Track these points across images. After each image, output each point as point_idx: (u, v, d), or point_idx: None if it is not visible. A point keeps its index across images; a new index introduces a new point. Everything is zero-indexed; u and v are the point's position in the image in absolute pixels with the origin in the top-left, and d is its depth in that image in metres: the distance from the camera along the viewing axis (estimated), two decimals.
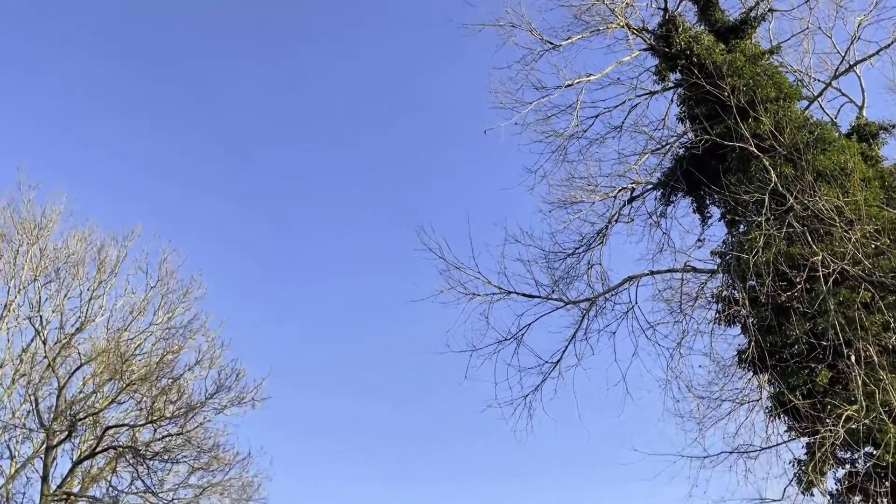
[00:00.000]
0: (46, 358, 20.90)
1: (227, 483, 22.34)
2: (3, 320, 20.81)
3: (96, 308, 21.53)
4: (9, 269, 20.51)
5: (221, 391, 21.74)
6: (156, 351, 22.24)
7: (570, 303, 13.25)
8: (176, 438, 21.31)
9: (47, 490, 20.47)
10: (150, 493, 20.78)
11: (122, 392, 21.25)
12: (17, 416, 21.43)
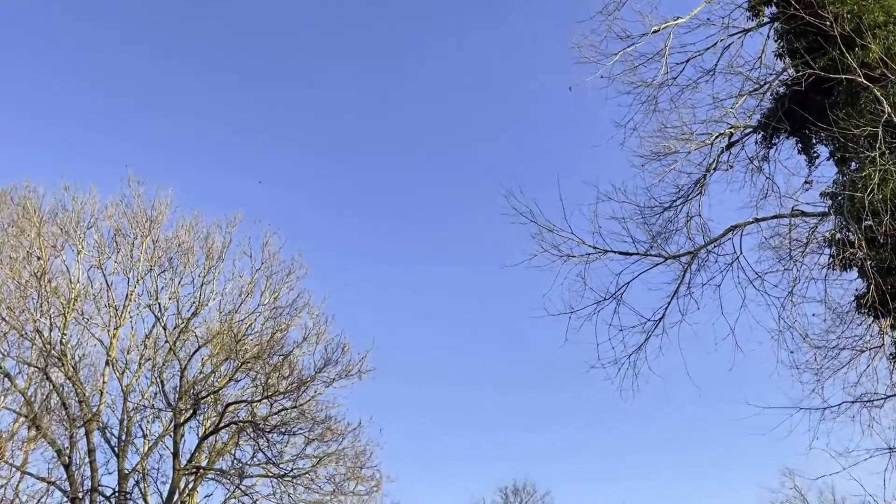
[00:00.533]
0: (167, 342, 22.25)
1: (342, 452, 23.26)
2: (126, 309, 22.28)
3: (208, 293, 22.65)
4: (127, 262, 21.89)
5: (329, 365, 22.53)
6: (266, 330, 23.26)
7: (670, 258, 12.84)
8: (291, 412, 22.28)
9: (178, 465, 21.95)
10: (272, 464, 21.92)
11: (238, 370, 22.38)
12: (146, 397, 23.01)
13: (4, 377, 19.87)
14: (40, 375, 20.44)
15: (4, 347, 19.99)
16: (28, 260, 20.26)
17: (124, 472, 21.39)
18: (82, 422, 20.49)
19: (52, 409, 20.49)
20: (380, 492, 23.86)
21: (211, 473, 22.89)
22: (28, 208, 20.59)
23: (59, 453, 20.52)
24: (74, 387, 20.53)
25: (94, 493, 20.75)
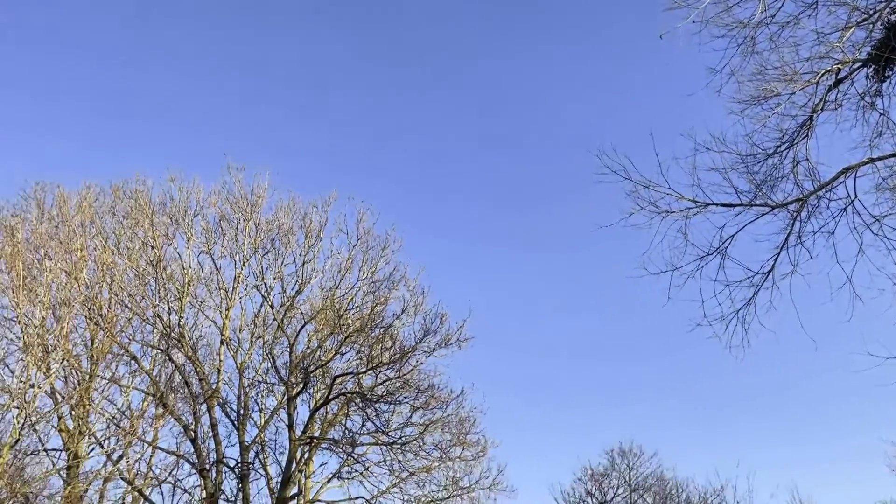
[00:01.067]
0: (275, 320, 23.24)
1: (446, 419, 23.74)
2: (235, 291, 23.38)
3: (309, 271, 23.40)
4: (232, 246, 22.91)
5: (428, 335, 22.91)
6: (366, 304, 23.86)
7: (777, 206, 12.19)
8: (395, 382, 22.83)
9: (294, 436, 23.01)
10: (381, 432, 22.63)
11: (342, 344, 23.13)
12: (260, 373, 24.18)
13: (132, 360, 21.33)
14: (163, 357, 21.81)
15: (129, 332, 21.46)
16: (143, 249, 21.55)
17: (245, 444, 22.66)
18: (204, 398, 21.79)
19: (176, 387, 21.86)
20: (485, 456, 24.29)
21: (324, 443, 23.90)
22: (140, 201, 21.85)
23: (185, 428, 21.94)
24: (194, 366, 21.81)
25: (219, 464, 22.11)
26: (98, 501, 21.21)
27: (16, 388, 17.26)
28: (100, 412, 20.14)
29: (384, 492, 23.98)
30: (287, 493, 22.36)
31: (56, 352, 18.26)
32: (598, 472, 27.03)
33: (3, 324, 18.35)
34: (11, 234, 17.64)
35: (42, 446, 20.39)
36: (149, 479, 21.65)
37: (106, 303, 20.27)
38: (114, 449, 20.67)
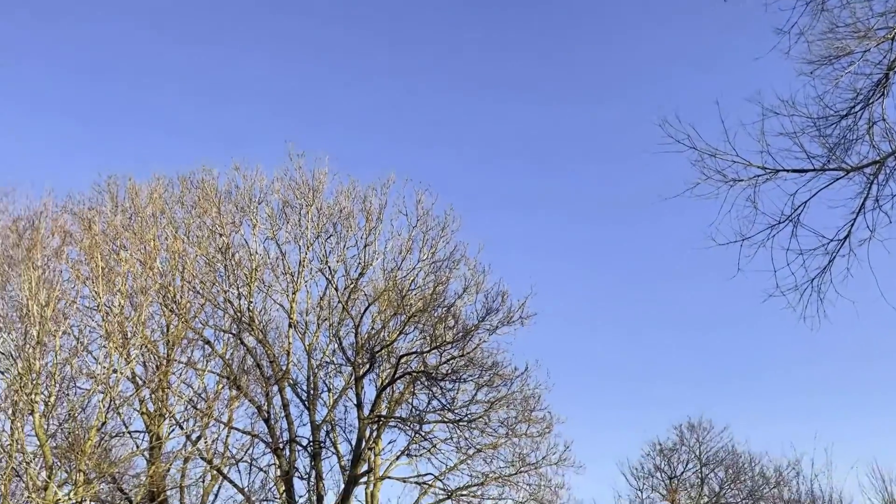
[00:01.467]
0: (340, 302, 23.68)
1: (511, 396, 23.85)
2: (301, 275, 23.90)
3: (371, 253, 23.71)
4: (296, 231, 23.39)
5: (491, 313, 22.99)
6: (427, 284, 24.07)
7: (853, 170, 11.68)
8: (459, 360, 23.04)
9: (362, 415, 23.52)
10: (447, 410, 22.93)
11: (406, 324, 23.44)
12: (327, 354, 24.75)
13: (206, 344, 22.10)
14: (235, 341, 22.53)
15: (202, 318, 22.23)
16: (212, 237, 22.22)
17: (316, 424, 23.29)
18: (275, 380, 22.46)
19: (249, 369, 22.57)
20: (551, 433, 24.34)
21: (392, 421, 24.34)
22: (207, 190, 22.50)
23: (258, 409, 22.67)
24: (265, 349, 22.47)
25: (292, 443, 22.80)
26: (180, 480, 22.17)
27: (100, 374, 18.15)
28: (178, 395, 20.97)
29: (452, 468, 24.33)
30: (358, 471, 22.93)
31: (135, 338, 19.07)
32: (667, 447, 26.78)
33: (86, 313, 19.23)
34: (89, 226, 18.44)
35: (126, 428, 21.41)
36: (226, 458, 22.49)
37: (179, 290, 21.02)
38: (192, 430, 21.53)
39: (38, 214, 17.84)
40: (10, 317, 16.91)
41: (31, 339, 16.40)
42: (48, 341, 16.51)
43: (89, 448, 16.63)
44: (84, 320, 18.64)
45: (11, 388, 16.10)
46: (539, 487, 23.60)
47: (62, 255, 17.99)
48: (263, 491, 22.71)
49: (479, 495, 23.85)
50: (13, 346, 16.59)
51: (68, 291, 17.71)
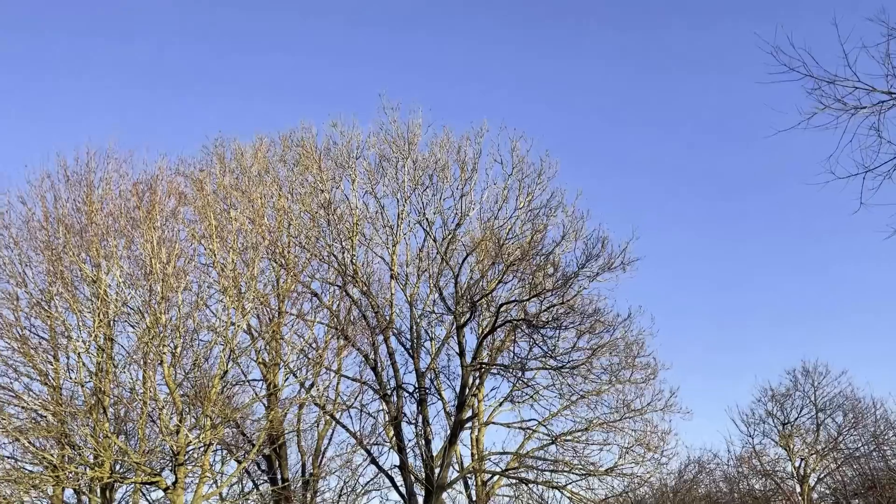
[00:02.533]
0: (438, 254, 23.97)
1: (614, 343, 23.62)
2: (399, 228, 24.31)
3: (467, 203, 23.74)
4: (394, 184, 23.71)
5: (591, 260, 22.64)
6: (525, 233, 23.96)
7: None
8: (559, 308, 22.97)
9: (465, 362, 23.96)
10: (549, 357, 23.00)
11: (504, 273, 23.48)
12: (428, 304, 25.24)
13: (314, 296, 23.01)
14: (341, 293, 23.34)
15: (309, 271, 23.11)
16: (314, 194, 22.89)
17: (420, 371, 23.93)
18: (380, 330, 23.16)
19: (355, 320, 23.37)
20: (656, 379, 24.01)
21: (494, 368, 24.70)
22: (307, 147, 23.11)
23: (365, 358, 23.52)
24: (369, 300, 23.16)
25: (399, 389, 23.58)
26: (296, 424, 23.45)
27: (219, 327, 19.28)
28: (290, 345, 22.03)
29: (555, 414, 24.53)
30: (463, 416, 23.48)
31: (248, 293, 20.05)
32: (780, 393, 25.88)
33: (203, 270, 20.36)
34: (201, 187, 19.40)
35: (245, 377, 22.76)
36: (337, 404, 23.55)
37: (286, 246, 21.89)
38: (305, 378, 22.63)
39: (155, 178, 18.91)
40: (136, 275, 18.14)
41: (155, 295, 17.59)
42: (171, 297, 17.64)
43: (214, 395, 17.79)
44: (202, 277, 19.73)
45: (142, 340, 17.37)
46: (645, 433, 23.43)
47: (178, 215, 19.06)
48: (374, 435, 23.70)
49: (583, 440, 23.94)
50: (140, 302, 17.83)
51: (186, 250, 18.78)
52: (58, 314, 17.77)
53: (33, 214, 18.65)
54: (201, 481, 17.85)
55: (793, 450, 24.35)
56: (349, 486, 23.64)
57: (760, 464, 21.17)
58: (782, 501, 18.27)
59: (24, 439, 16.47)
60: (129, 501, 20.34)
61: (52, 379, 18.25)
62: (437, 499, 22.15)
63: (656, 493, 18.88)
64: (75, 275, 17.93)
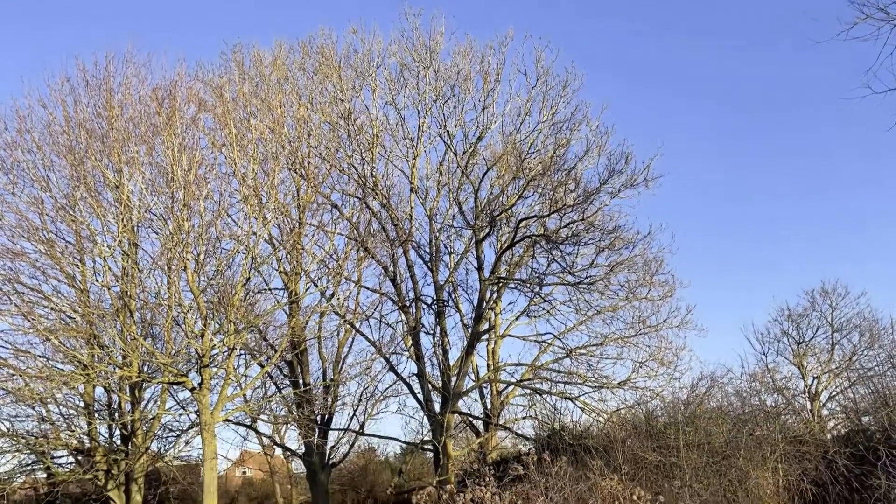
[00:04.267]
0: (459, 167, 23.78)
1: (633, 260, 23.59)
2: (420, 140, 24.05)
3: (489, 116, 23.38)
4: (414, 95, 23.30)
5: (613, 176, 22.35)
6: (547, 147, 23.64)
7: None
8: (579, 224, 22.85)
9: (483, 276, 24.16)
10: (567, 272, 23.09)
11: (525, 188, 23.32)
12: (447, 218, 25.23)
13: (333, 208, 23.05)
14: (360, 205, 23.35)
15: (329, 182, 23.07)
16: (334, 103, 22.59)
17: (438, 284, 24.20)
18: (399, 242, 23.29)
19: (374, 232, 23.48)
20: (673, 296, 24.08)
21: (512, 283, 24.89)
22: (327, 55, 22.63)
23: (385, 270, 23.76)
24: (388, 213, 23.19)
25: (417, 301, 23.91)
26: (317, 332, 23.99)
27: (241, 235, 19.44)
28: (311, 255, 22.25)
29: (571, 329, 24.84)
30: (480, 328, 23.88)
31: (269, 202, 20.11)
32: (797, 313, 25.96)
33: (223, 179, 20.38)
34: (220, 94, 19.17)
35: (267, 286, 23.14)
36: (357, 314, 23.97)
37: (306, 156, 21.78)
38: (326, 287, 22.95)
39: (174, 84, 18.69)
40: (158, 182, 18.21)
41: (178, 203, 17.69)
42: (193, 204, 17.73)
43: (237, 301, 18.14)
44: (222, 185, 19.76)
45: (165, 246, 17.60)
46: (659, 349, 23.67)
47: (198, 122, 18.92)
48: (392, 345, 24.20)
49: (597, 354, 24.29)
50: (163, 209, 17.97)
51: (207, 158, 18.74)
52: (82, 218, 17.99)
53: (54, 118, 18.62)
54: (226, 383, 18.44)
55: (806, 368, 24.64)
56: (368, 392, 24.35)
57: (773, 381, 21.47)
58: (792, 416, 18.65)
59: (55, 339, 16.99)
60: (158, 401, 21.13)
61: (80, 282, 18.67)
62: (452, 406, 22.81)
63: (667, 405, 19.22)
64: (98, 180, 18.03)
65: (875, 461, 9.70)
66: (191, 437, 21.48)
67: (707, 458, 13.65)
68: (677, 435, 14.54)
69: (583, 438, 20.25)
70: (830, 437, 16.22)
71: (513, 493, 8.60)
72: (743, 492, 11.20)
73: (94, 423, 19.67)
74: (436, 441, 22.42)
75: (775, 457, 13.55)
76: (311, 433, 22.64)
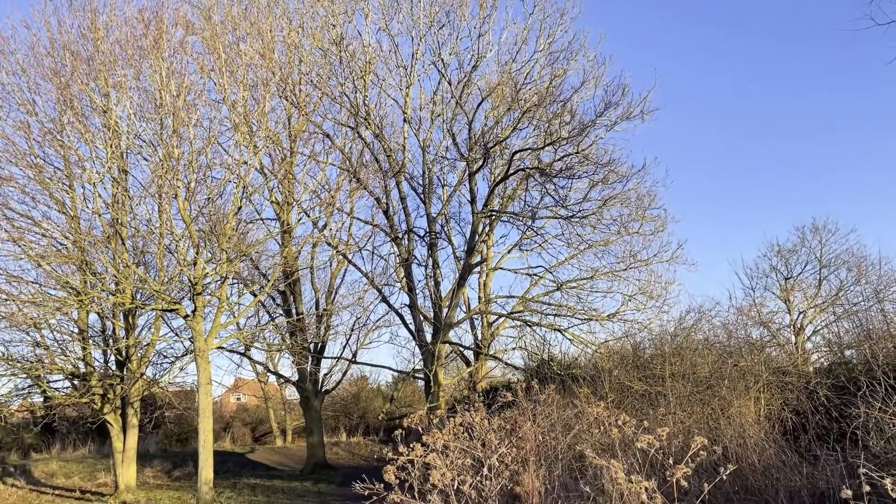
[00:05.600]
0: (453, 97, 23.39)
1: (626, 194, 23.55)
2: (413, 69, 23.57)
3: (485, 44, 22.84)
4: (408, 21, 22.70)
5: (609, 108, 22.05)
6: (543, 78, 23.22)
7: None
8: (573, 157, 22.69)
9: (476, 209, 24.11)
10: (560, 206, 23.06)
11: (520, 120, 23.03)
12: (441, 150, 25.00)
13: (325, 137, 22.79)
14: (353, 134, 23.08)
15: (321, 111, 22.70)
16: (325, 28, 21.99)
17: (431, 216, 24.16)
18: (392, 173, 23.13)
19: (367, 163, 23.29)
20: (665, 231, 24.16)
21: (504, 216, 24.89)
22: None
23: (377, 201, 23.67)
24: (381, 143, 22.93)
25: (409, 233, 23.93)
26: (310, 262, 24.08)
27: (231, 164, 19.24)
28: (303, 185, 22.12)
29: (562, 262, 24.99)
30: (472, 261, 23.99)
31: (260, 130, 19.84)
32: (786, 249, 26.13)
33: (213, 106, 20.02)
34: (208, 16, 18.63)
35: (259, 216, 23.07)
36: (349, 245, 24.02)
37: (297, 83, 21.35)
38: (318, 218, 22.92)
39: (160, 4, 18.10)
40: (146, 107, 17.88)
41: (167, 129, 17.42)
42: (182, 131, 17.47)
43: (228, 230, 18.09)
44: (212, 112, 19.43)
45: (155, 173, 17.42)
46: (649, 283, 23.90)
47: (186, 46, 18.43)
48: (385, 276, 24.38)
49: (587, 288, 24.51)
50: (152, 135, 17.71)
51: (195, 83, 18.36)
52: (70, 144, 17.73)
53: (38, 40, 18.12)
54: (219, 311, 18.58)
55: (792, 303, 24.99)
56: (361, 322, 24.64)
57: (759, 314, 21.82)
58: (776, 349, 19.04)
59: (46, 264, 16.98)
60: (152, 328, 21.32)
61: (70, 208, 18.54)
62: (444, 336, 23.12)
63: (655, 338, 19.53)
64: (85, 104, 17.68)
65: (855, 392, 9.95)
66: (185, 363, 21.79)
67: (692, 387, 13.97)
68: (663, 366, 14.83)
69: (571, 368, 20.65)
70: (813, 370, 16.59)
71: (501, 418, 8.81)
72: (725, 419, 11.51)
73: (88, 348, 19.87)
74: (427, 370, 22.82)
75: (758, 387, 13.88)
76: (304, 361, 23.01)
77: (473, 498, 6.80)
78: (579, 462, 8.76)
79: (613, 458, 6.64)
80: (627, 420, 7.73)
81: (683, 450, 6.35)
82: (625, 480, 6.06)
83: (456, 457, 7.39)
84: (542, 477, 7.86)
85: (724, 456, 8.00)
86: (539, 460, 8.30)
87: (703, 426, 11.20)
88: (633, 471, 6.57)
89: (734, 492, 8.15)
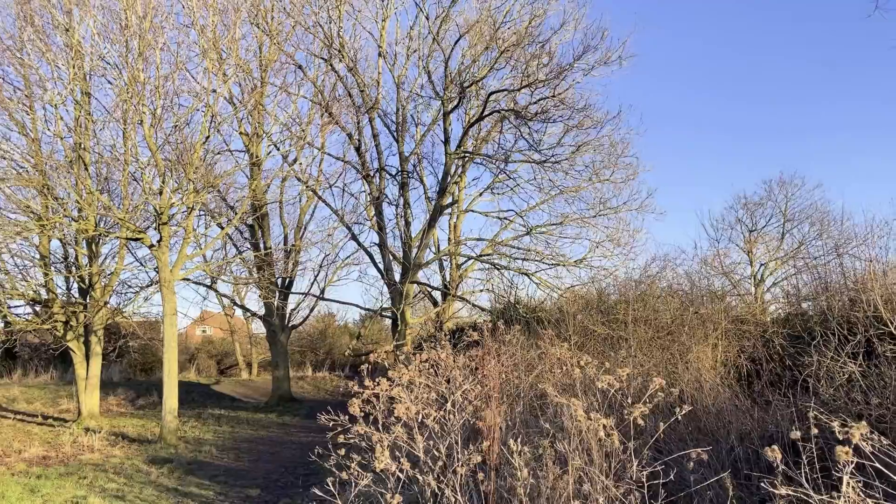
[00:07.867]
0: (430, 33, 22.90)
1: (600, 141, 23.55)
2: (391, 1, 22.95)
3: None
4: None
5: (587, 52, 21.85)
6: (522, 17, 22.82)
7: None
8: (550, 101, 22.51)
9: (449, 150, 23.92)
10: (533, 150, 22.98)
11: (497, 60, 22.68)
12: (416, 87, 24.58)
13: (297, 68, 22.20)
14: (326, 66, 22.52)
15: (294, 41, 22.05)
16: None
17: (404, 155, 23.93)
18: (365, 109, 22.74)
19: (339, 98, 22.82)
20: (636, 179, 24.32)
21: (478, 158, 24.74)
22: None
23: (349, 137, 23.31)
24: (355, 77, 22.45)
25: (381, 171, 23.70)
26: (279, 196, 23.76)
27: (200, 92, 18.67)
28: (273, 117, 21.63)
29: (533, 207, 25.08)
30: (443, 202, 23.93)
31: (229, 58, 19.23)
32: (752, 202, 26.52)
33: (181, 30, 19.30)
34: None
35: (227, 147, 22.57)
36: (320, 181, 23.74)
37: (269, 10, 20.65)
38: (288, 152, 22.53)
39: None
40: (111, 28, 17.15)
41: (133, 52, 16.77)
42: (148, 55, 16.84)
43: (196, 160, 17.69)
44: (180, 37, 18.74)
45: (120, 97, 16.85)
46: (617, 230, 24.16)
47: None
48: (355, 214, 24.22)
49: (556, 234, 24.70)
50: (117, 57, 17.06)
51: (163, 5, 17.63)
52: (30, 62, 17.01)
53: None
54: (185, 242, 18.33)
55: (754, 255, 25.52)
56: (329, 259, 24.56)
57: (722, 265, 22.25)
58: (737, 299, 19.52)
59: (6, 187, 16.49)
60: (116, 256, 20.99)
61: (30, 130, 17.93)
62: (412, 276, 23.21)
63: (620, 284, 19.83)
64: (46, 21, 16.90)
65: (810, 342, 10.26)
66: (150, 293, 21.56)
67: (653, 332, 14.26)
68: (626, 311, 15.09)
69: (536, 311, 20.93)
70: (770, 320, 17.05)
71: (466, 356, 8.92)
72: (683, 364, 11.82)
73: (50, 274, 19.53)
74: (395, 308, 22.96)
75: (716, 334, 14.23)
76: (271, 295, 22.96)
77: (436, 431, 6.94)
78: (541, 400, 8.96)
79: (574, 397, 6.80)
80: (589, 361, 7.88)
81: (642, 391, 6.51)
82: (584, 418, 6.21)
83: (421, 392, 7.50)
84: (504, 413, 8.03)
85: (681, 398, 8.26)
86: (502, 397, 8.47)
87: (662, 370, 11.50)
88: (593, 409, 6.74)
89: (688, 432, 8.43)
